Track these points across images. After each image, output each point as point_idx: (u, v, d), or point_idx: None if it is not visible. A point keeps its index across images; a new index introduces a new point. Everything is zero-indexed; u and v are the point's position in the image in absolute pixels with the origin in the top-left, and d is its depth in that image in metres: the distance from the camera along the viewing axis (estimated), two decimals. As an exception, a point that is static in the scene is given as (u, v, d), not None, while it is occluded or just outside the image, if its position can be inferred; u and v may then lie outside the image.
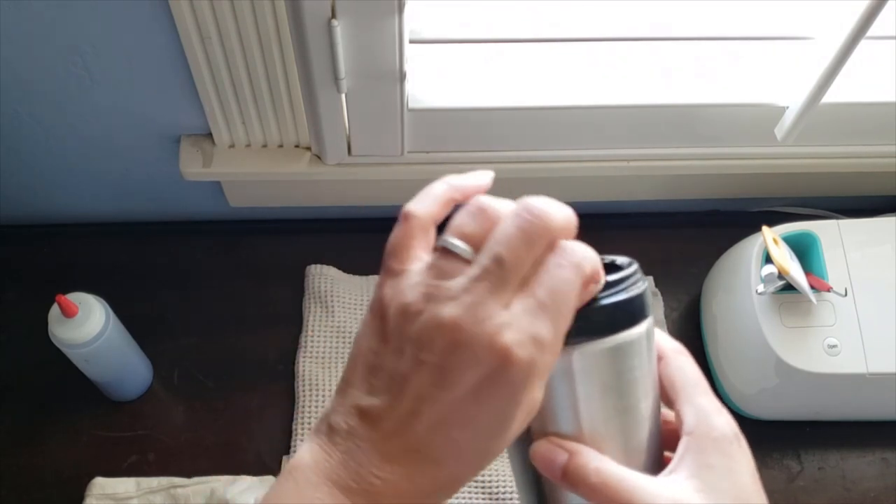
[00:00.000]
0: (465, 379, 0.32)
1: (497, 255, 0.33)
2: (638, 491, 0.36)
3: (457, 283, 0.33)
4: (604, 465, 0.37)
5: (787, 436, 0.84)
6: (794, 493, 0.82)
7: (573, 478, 0.37)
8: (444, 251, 0.34)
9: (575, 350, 0.36)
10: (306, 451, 0.35)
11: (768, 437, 0.84)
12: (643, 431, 0.39)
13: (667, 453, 0.41)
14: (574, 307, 0.34)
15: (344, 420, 0.34)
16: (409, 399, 0.33)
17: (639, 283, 0.37)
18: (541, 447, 0.38)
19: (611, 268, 0.38)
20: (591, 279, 0.35)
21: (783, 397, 0.80)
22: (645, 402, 0.39)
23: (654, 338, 0.40)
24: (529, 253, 0.33)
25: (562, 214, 0.34)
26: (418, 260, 0.35)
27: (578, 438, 0.38)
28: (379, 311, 0.35)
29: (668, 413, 0.42)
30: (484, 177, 0.39)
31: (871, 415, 0.83)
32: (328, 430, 0.35)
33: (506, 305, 0.33)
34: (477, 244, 0.34)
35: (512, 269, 0.33)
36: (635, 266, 0.38)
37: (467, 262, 0.34)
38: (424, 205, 0.37)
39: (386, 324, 0.34)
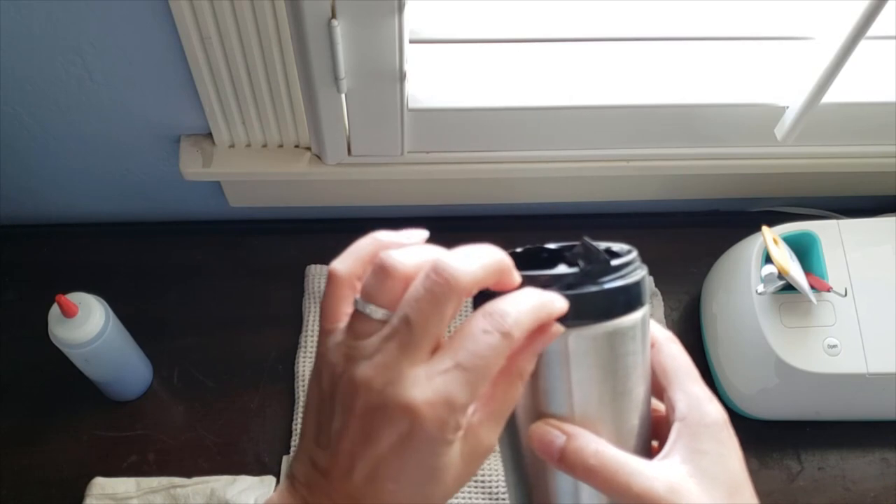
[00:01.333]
0: (385, 436, 0.34)
1: (405, 316, 0.34)
2: (636, 474, 0.36)
3: (370, 342, 0.34)
4: (602, 447, 0.37)
5: (787, 436, 0.84)
6: (794, 493, 0.82)
7: (571, 460, 0.37)
8: (357, 312, 0.36)
9: (572, 333, 0.36)
10: (276, 495, 0.38)
11: (768, 437, 0.84)
12: (636, 416, 0.40)
13: (654, 442, 0.42)
14: (496, 370, 0.34)
15: (301, 469, 0.37)
16: (345, 456, 0.35)
17: (638, 271, 0.38)
18: (538, 429, 0.38)
19: (610, 254, 0.39)
20: (532, 332, 0.35)
21: (783, 397, 0.80)
22: (638, 388, 0.39)
23: (648, 325, 0.40)
24: (437, 312, 0.33)
25: (472, 271, 0.34)
26: (345, 317, 0.37)
27: (573, 421, 0.38)
28: (317, 368, 0.37)
29: (655, 402, 0.42)
30: (416, 237, 0.38)
31: (871, 415, 0.83)
32: (291, 476, 0.38)
33: (418, 364, 0.34)
34: (387, 303, 0.35)
35: (420, 330, 0.33)
36: (635, 253, 0.38)
37: (381, 321, 0.35)
38: (346, 263, 0.38)
39: (322, 384, 0.36)
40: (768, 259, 0.76)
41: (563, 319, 0.36)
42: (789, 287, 0.75)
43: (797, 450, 0.84)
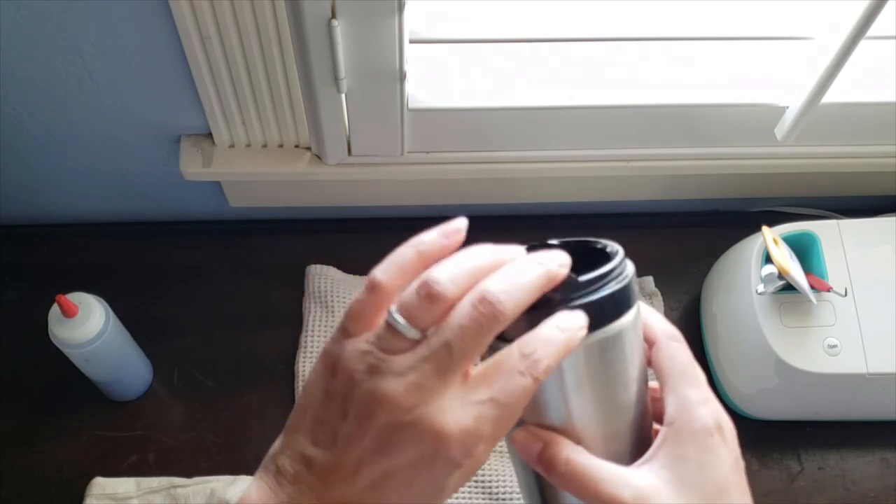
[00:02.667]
0: (405, 453, 0.34)
1: (447, 341, 0.34)
2: (604, 482, 0.37)
3: (403, 360, 0.34)
4: (574, 455, 0.38)
5: (787, 436, 0.84)
6: (794, 493, 0.82)
7: (546, 466, 0.38)
8: (390, 326, 0.35)
9: None
10: (254, 490, 0.36)
11: (768, 437, 0.84)
12: (625, 418, 0.40)
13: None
14: (521, 407, 0.35)
15: (290, 464, 0.36)
16: (352, 460, 0.35)
17: (623, 275, 0.37)
18: (518, 435, 0.39)
19: (596, 253, 0.38)
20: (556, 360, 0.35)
21: (783, 397, 0.80)
22: (627, 391, 0.39)
23: (640, 324, 0.40)
24: (480, 342, 0.34)
25: (518, 302, 0.34)
26: (375, 328, 0.36)
27: (558, 426, 0.39)
28: (329, 367, 0.36)
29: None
30: (456, 232, 0.37)
31: (871, 415, 0.83)
32: (276, 471, 0.36)
33: (452, 389, 0.34)
34: (426, 327, 0.35)
35: (460, 357, 0.34)
36: (620, 256, 0.38)
37: (414, 341, 0.34)
38: (391, 276, 0.37)
39: (334, 382, 0.36)
40: (768, 259, 0.76)
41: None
42: (789, 287, 0.76)
43: (797, 450, 0.84)
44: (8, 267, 0.92)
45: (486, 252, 0.36)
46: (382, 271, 0.37)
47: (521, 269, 0.35)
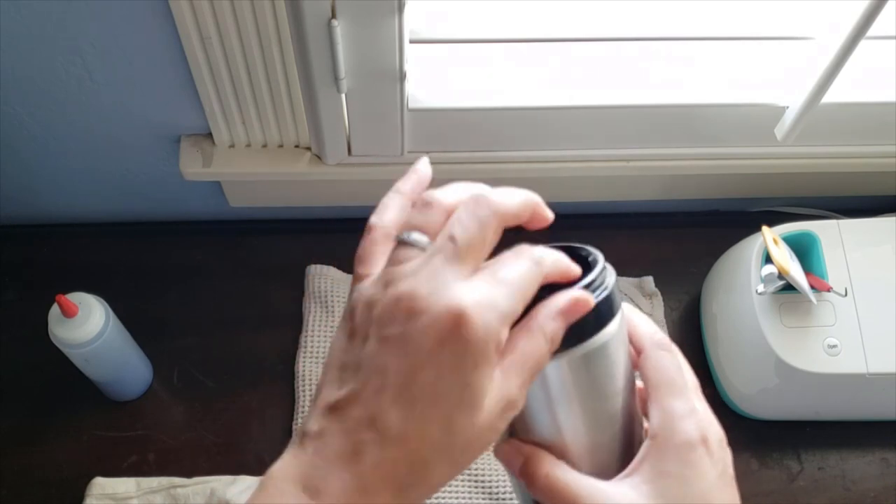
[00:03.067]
0: (425, 342, 0.32)
1: (450, 234, 0.34)
2: (581, 497, 0.37)
3: (413, 263, 0.34)
4: (554, 470, 0.38)
5: (787, 436, 0.84)
6: (794, 493, 0.82)
7: (527, 480, 0.39)
8: (399, 244, 0.36)
9: None
10: (279, 461, 0.35)
11: (768, 437, 0.84)
12: (611, 429, 0.40)
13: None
14: (531, 294, 0.35)
15: (316, 422, 0.35)
16: (375, 376, 0.33)
17: (604, 285, 0.37)
18: (502, 449, 0.40)
19: (579, 259, 0.38)
20: (555, 275, 0.36)
21: (783, 397, 0.80)
22: (613, 402, 0.39)
23: (624, 333, 0.39)
24: (481, 233, 0.34)
25: (509, 201, 0.36)
26: (380, 266, 0.37)
27: (544, 438, 0.39)
28: (349, 313, 0.36)
29: None
30: (422, 166, 0.41)
31: (871, 415, 0.83)
32: (301, 436, 0.35)
33: (462, 276, 0.34)
34: (431, 232, 0.35)
35: (465, 245, 0.34)
36: (599, 266, 0.37)
37: (422, 251, 0.35)
38: (381, 214, 0.39)
39: (354, 321, 0.35)
40: (768, 259, 0.76)
41: None
42: (789, 287, 0.75)
43: (797, 450, 0.84)
44: (8, 267, 0.92)
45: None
46: (374, 216, 0.39)
47: (508, 188, 0.37)
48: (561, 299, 0.35)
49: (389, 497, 0.33)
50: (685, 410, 0.39)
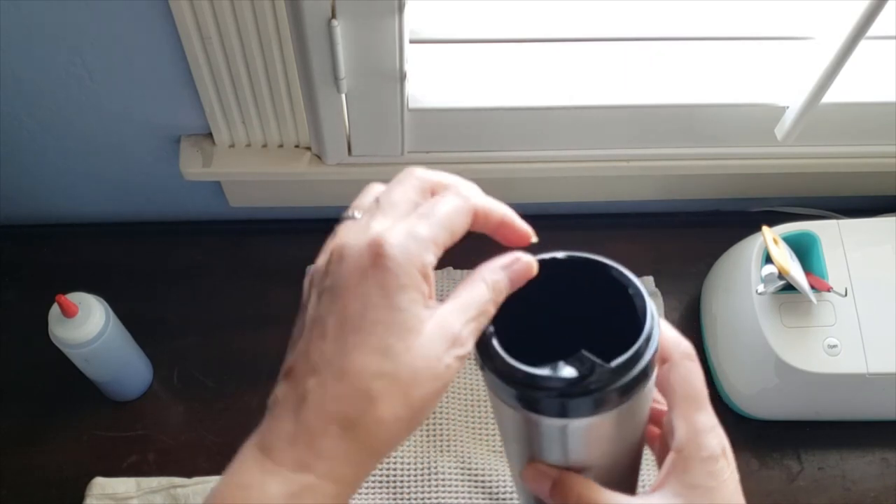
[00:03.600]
0: (350, 279, 0.34)
1: (376, 198, 0.37)
2: None
3: (348, 228, 0.36)
4: (585, 490, 0.39)
5: (787, 436, 0.84)
6: (794, 493, 0.82)
7: (559, 501, 0.39)
8: (341, 221, 0.38)
9: (570, 422, 0.36)
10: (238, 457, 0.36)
11: (768, 437, 0.84)
12: (628, 456, 0.41)
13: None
14: (459, 226, 0.36)
15: (274, 393, 0.36)
16: (316, 327, 0.35)
17: (652, 338, 0.35)
18: (529, 472, 0.40)
19: (604, 275, 0.37)
20: (490, 214, 0.37)
21: (783, 397, 0.80)
22: (636, 436, 0.40)
23: (650, 390, 0.39)
24: (401, 189, 0.36)
25: (432, 173, 0.38)
26: None
27: (568, 466, 0.39)
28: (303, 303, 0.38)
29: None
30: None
31: (871, 415, 0.83)
32: (267, 413, 0.36)
33: (386, 224, 0.35)
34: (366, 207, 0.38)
35: (387, 203, 0.36)
36: (649, 315, 0.36)
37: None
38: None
39: (302, 296, 0.37)
40: (768, 259, 0.76)
41: (556, 412, 0.35)
42: (789, 287, 0.75)
43: (797, 450, 0.84)
44: (8, 267, 0.92)
45: None
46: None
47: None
48: (506, 257, 0.37)
49: (336, 435, 0.33)
50: (710, 424, 0.39)
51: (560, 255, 0.38)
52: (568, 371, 0.34)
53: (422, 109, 0.77)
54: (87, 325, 0.72)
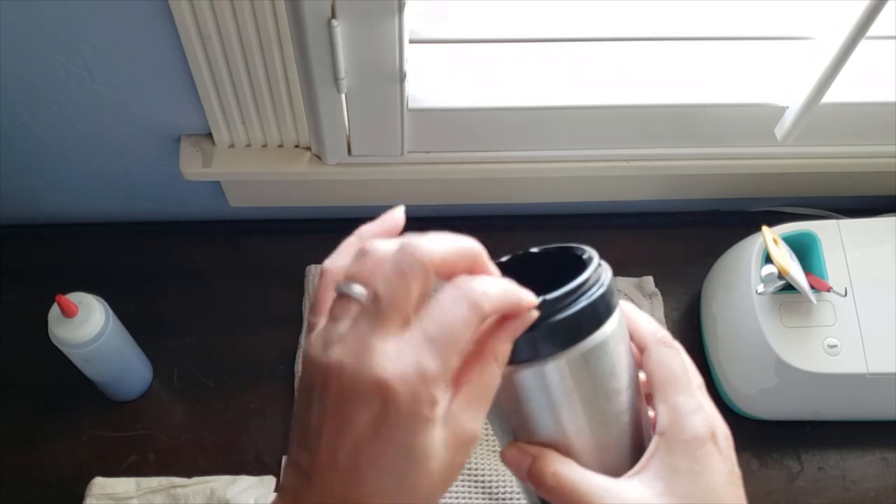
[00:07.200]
0: (361, 419, 0.33)
1: (373, 291, 0.33)
2: (591, 495, 0.37)
3: (343, 324, 0.34)
4: (562, 468, 0.38)
5: (787, 436, 0.84)
6: (794, 493, 0.82)
7: (534, 481, 0.38)
8: (338, 296, 0.35)
9: (535, 366, 0.36)
10: None
11: (768, 437, 0.84)
12: (616, 428, 0.40)
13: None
14: (467, 341, 0.34)
15: (288, 478, 0.36)
16: (326, 450, 0.34)
17: (599, 283, 0.37)
18: (508, 451, 0.39)
19: (576, 260, 0.38)
20: (504, 310, 0.35)
21: (783, 397, 0.80)
22: (617, 401, 0.39)
23: (624, 330, 0.39)
24: (403, 285, 0.33)
25: (438, 248, 0.34)
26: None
27: (549, 440, 0.39)
28: (303, 365, 0.36)
29: None
30: (395, 215, 0.39)
31: (871, 415, 0.83)
32: (280, 488, 0.36)
33: (388, 339, 0.33)
34: (360, 280, 0.35)
35: (387, 302, 0.33)
36: (594, 265, 0.37)
37: (359, 302, 0.34)
38: (335, 260, 0.38)
39: (305, 378, 0.35)
40: (768, 259, 0.76)
41: (522, 353, 0.36)
42: (789, 287, 0.75)
43: (797, 450, 0.84)
44: (8, 267, 0.92)
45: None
46: (328, 259, 0.38)
47: (448, 234, 0.35)
48: (510, 319, 0.35)
49: None
50: (692, 406, 0.39)
51: (535, 249, 0.40)
52: None
53: (421, 109, 0.77)
54: (87, 325, 0.72)
